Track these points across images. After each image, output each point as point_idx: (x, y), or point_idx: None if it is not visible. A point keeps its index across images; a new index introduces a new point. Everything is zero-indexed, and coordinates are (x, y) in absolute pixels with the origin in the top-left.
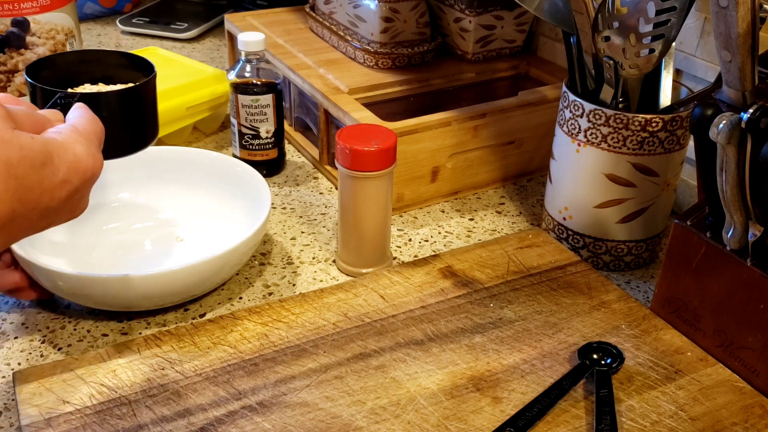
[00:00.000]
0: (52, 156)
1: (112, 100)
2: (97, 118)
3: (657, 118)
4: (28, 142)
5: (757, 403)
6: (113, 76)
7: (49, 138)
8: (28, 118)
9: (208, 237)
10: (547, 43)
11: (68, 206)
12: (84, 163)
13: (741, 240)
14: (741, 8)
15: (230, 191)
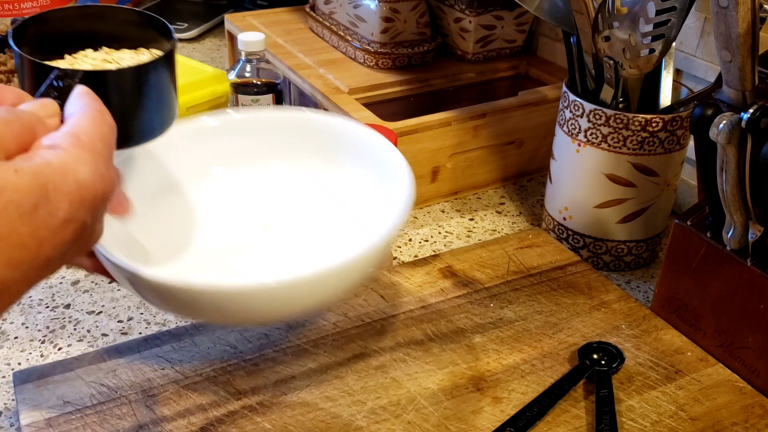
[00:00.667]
0: (47, 192)
1: (126, 78)
2: (104, 111)
3: (657, 118)
4: (11, 181)
5: (758, 402)
6: (120, 36)
7: (41, 164)
8: (9, 127)
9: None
10: (547, 43)
11: (77, 246)
12: (90, 189)
13: (741, 240)
14: (741, 8)
15: (353, 162)
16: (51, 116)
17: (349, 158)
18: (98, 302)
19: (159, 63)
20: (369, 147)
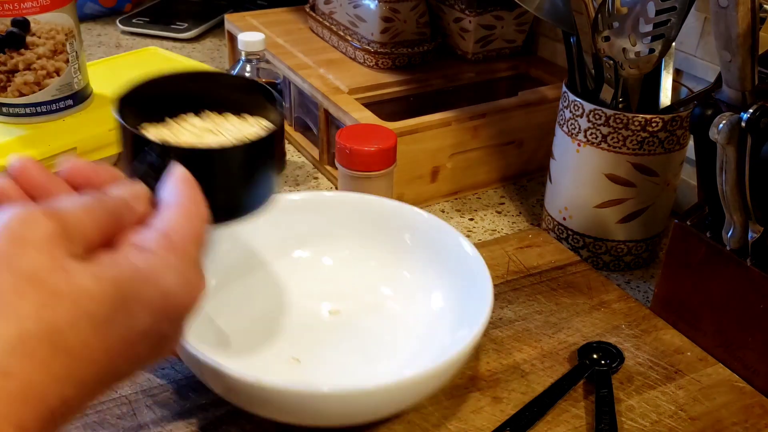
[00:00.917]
0: (127, 301)
1: (227, 157)
2: (198, 202)
3: (657, 118)
4: (88, 290)
5: (757, 402)
6: (225, 101)
7: (125, 270)
8: (93, 216)
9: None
10: (547, 43)
11: (152, 357)
12: (175, 299)
13: (741, 240)
14: (741, 8)
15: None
16: (141, 202)
17: (428, 255)
18: None
19: (264, 141)
20: (450, 247)
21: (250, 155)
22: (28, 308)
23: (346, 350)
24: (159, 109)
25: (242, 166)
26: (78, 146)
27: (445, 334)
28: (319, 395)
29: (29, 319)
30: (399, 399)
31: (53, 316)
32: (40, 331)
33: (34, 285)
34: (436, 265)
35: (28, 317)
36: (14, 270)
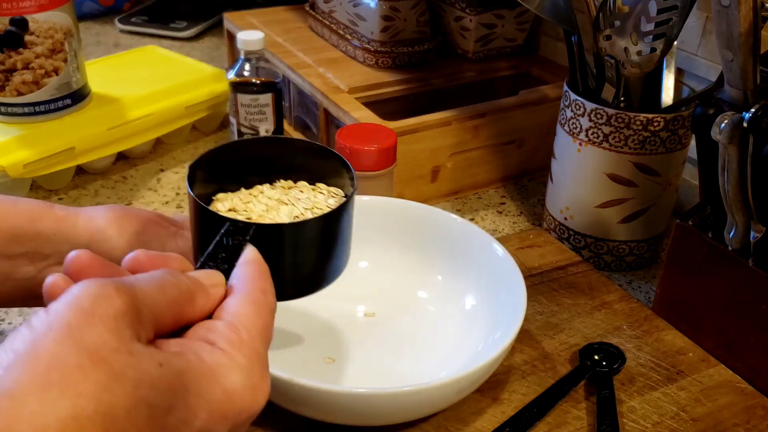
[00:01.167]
0: (188, 393)
1: (300, 231)
2: (267, 291)
3: (659, 117)
4: (151, 374)
5: (759, 403)
6: (297, 167)
7: (192, 361)
8: (165, 294)
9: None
10: (548, 42)
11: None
12: (238, 402)
13: (743, 240)
14: (743, 7)
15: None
16: (215, 285)
17: (461, 259)
18: None
19: (336, 213)
20: (482, 250)
21: (322, 228)
22: (88, 387)
23: (381, 351)
24: (232, 175)
25: (315, 239)
26: (76, 146)
27: (479, 336)
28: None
29: (87, 398)
30: (434, 401)
31: (111, 399)
32: (95, 414)
33: (97, 364)
34: (469, 268)
35: (87, 397)
36: (79, 346)
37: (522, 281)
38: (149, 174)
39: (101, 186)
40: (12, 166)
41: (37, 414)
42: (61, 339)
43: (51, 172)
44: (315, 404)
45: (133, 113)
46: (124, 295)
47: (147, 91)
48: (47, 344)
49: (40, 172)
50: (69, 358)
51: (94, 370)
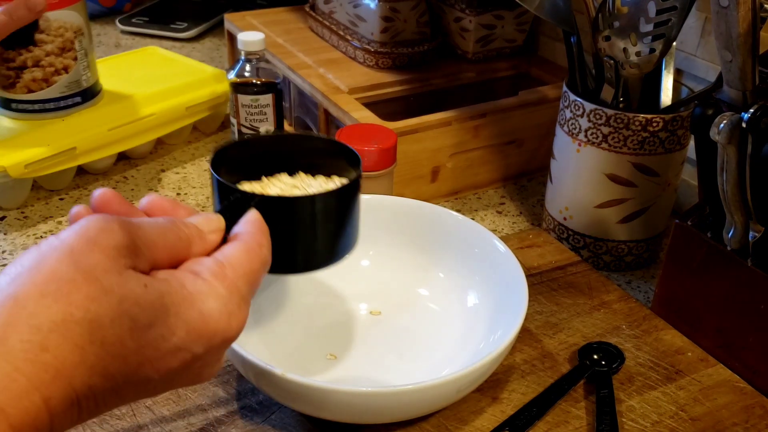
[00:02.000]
0: (168, 313)
1: (301, 206)
2: (261, 247)
3: (658, 117)
4: (134, 293)
5: (758, 403)
6: (317, 163)
7: (174, 286)
8: (165, 238)
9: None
10: (547, 43)
11: (184, 375)
12: (213, 325)
13: (742, 240)
14: (742, 8)
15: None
16: (213, 231)
17: (463, 256)
18: None
19: (334, 193)
20: (484, 247)
21: (322, 205)
22: (78, 297)
23: (382, 349)
24: (256, 168)
25: (314, 215)
26: (77, 146)
27: (480, 334)
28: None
29: (77, 306)
30: (434, 399)
31: (98, 309)
32: (83, 320)
33: (89, 280)
34: (471, 267)
35: (76, 305)
36: (77, 265)
37: (524, 280)
38: (150, 174)
39: (102, 186)
40: (13, 167)
41: (34, 315)
42: (62, 258)
43: (52, 172)
44: (315, 402)
45: (133, 114)
46: (126, 231)
47: (148, 92)
48: (50, 261)
49: (41, 173)
50: (65, 273)
51: (85, 284)
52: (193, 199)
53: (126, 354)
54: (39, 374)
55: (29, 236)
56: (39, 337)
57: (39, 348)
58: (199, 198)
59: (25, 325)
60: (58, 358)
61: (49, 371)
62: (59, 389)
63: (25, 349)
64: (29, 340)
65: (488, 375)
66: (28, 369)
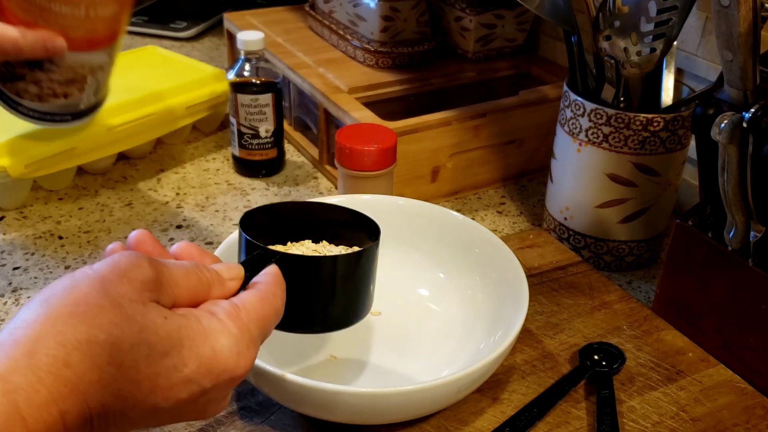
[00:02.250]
0: (182, 345)
1: (320, 266)
2: (276, 297)
3: (658, 117)
4: (155, 324)
5: (759, 403)
6: (340, 233)
7: (190, 320)
8: (188, 280)
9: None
10: (548, 42)
11: (190, 408)
12: (223, 362)
13: (742, 240)
14: (742, 7)
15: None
16: (233, 279)
17: (463, 256)
18: None
19: (351, 257)
20: (484, 247)
21: (340, 267)
22: (103, 321)
23: (382, 349)
24: (282, 233)
25: (332, 276)
26: (77, 146)
27: (481, 335)
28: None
29: (101, 329)
30: (434, 400)
31: (120, 334)
32: (105, 342)
33: (115, 307)
34: (471, 266)
35: (101, 328)
36: (106, 293)
37: (524, 281)
38: (149, 174)
39: (102, 186)
40: (13, 166)
41: (61, 332)
42: (93, 284)
43: (52, 172)
44: (316, 403)
45: (133, 113)
46: (154, 268)
47: (147, 92)
48: (81, 287)
49: (41, 172)
50: (94, 299)
51: (111, 310)
52: (192, 199)
53: (140, 379)
54: (59, 388)
55: (28, 236)
56: (63, 353)
57: (62, 363)
58: (198, 198)
59: (52, 341)
60: (77, 375)
61: (68, 386)
62: (75, 404)
63: (50, 362)
64: (54, 355)
65: (489, 375)
66: (50, 381)
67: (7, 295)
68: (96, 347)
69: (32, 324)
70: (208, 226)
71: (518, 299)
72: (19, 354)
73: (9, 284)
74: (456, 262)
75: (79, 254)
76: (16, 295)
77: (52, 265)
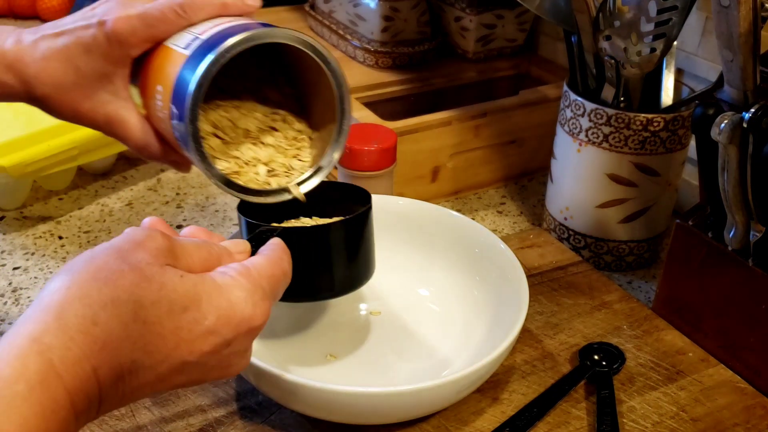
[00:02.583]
0: (200, 300)
1: (315, 235)
2: (282, 260)
3: (658, 117)
4: (173, 281)
5: (759, 403)
6: (332, 208)
7: (205, 278)
8: (199, 252)
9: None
10: (548, 42)
11: (216, 361)
12: (240, 312)
13: (743, 240)
14: (742, 7)
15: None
16: (240, 252)
17: (463, 257)
18: None
19: (346, 222)
20: (485, 247)
21: (337, 233)
22: (124, 283)
23: (383, 349)
24: (277, 214)
25: (331, 243)
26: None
27: (482, 333)
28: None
29: (123, 290)
30: (434, 400)
31: (141, 293)
32: (128, 301)
33: (134, 270)
34: (471, 266)
35: (123, 289)
36: (125, 259)
37: (524, 281)
38: (149, 174)
39: (102, 186)
40: (14, 167)
41: (87, 295)
42: (111, 253)
43: (52, 172)
44: (315, 402)
45: None
46: (167, 239)
47: None
48: (101, 256)
49: (41, 173)
50: (114, 265)
51: (130, 273)
52: (192, 199)
53: (165, 333)
54: (90, 345)
55: (28, 236)
56: (91, 313)
57: (90, 322)
58: (198, 198)
59: (79, 303)
60: (106, 332)
61: (98, 343)
62: (106, 360)
63: (79, 322)
64: (83, 314)
65: (489, 375)
66: (80, 339)
67: (7, 295)
68: (121, 306)
69: (58, 291)
70: (208, 226)
71: (518, 299)
72: (49, 318)
73: (9, 284)
74: (456, 262)
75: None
76: (16, 295)
77: (52, 265)
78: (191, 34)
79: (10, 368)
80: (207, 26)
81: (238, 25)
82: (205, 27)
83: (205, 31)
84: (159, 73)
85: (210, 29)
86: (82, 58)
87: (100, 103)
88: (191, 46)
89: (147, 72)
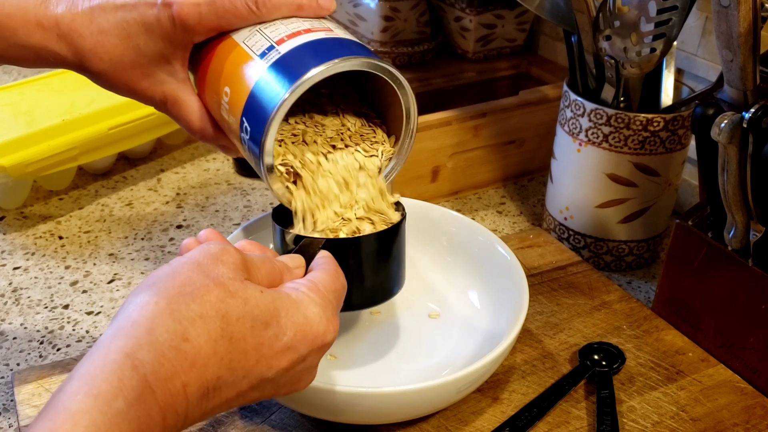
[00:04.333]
0: (279, 315)
1: (362, 245)
2: (340, 274)
3: (658, 117)
4: (255, 297)
5: (759, 403)
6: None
7: (281, 293)
8: (265, 266)
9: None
10: (547, 42)
11: (289, 378)
12: (315, 328)
13: (742, 240)
14: (742, 7)
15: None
16: (298, 267)
17: (464, 257)
18: (97, 303)
19: (388, 233)
20: (485, 248)
21: (374, 246)
22: (210, 298)
23: (383, 349)
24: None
25: (368, 255)
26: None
27: (482, 333)
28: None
29: (210, 305)
30: (434, 400)
31: (227, 308)
32: (215, 316)
33: (218, 285)
34: (471, 266)
35: (210, 304)
36: (207, 274)
37: (524, 281)
38: (149, 174)
39: (102, 186)
40: (14, 167)
41: (176, 311)
42: (193, 268)
43: (52, 172)
44: (316, 403)
45: (133, 114)
46: (240, 254)
47: None
48: (183, 271)
49: (42, 173)
50: (198, 280)
51: (215, 288)
52: (192, 199)
53: (247, 350)
54: (180, 361)
55: (28, 236)
56: (181, 328)
57: (181, 338)
58: (199, 198)
59: (169, 318)
60: (195, 348)
61: (188, 359)
62: (195, 376)
63: (170, 338)
64: (174, 330)
65: (488, 375)
66: (172, 355)
67: (7, 295)
68: (209, 321)
69: (146, 306)
70: (208, 226)
71: (518, 299)
72: (140, 333)
73: (9, 284)
74: (456, 262)
75: (79, 254)
76: (17, 295)
77: (52, 265)
78: (264, 38)
79: (108, 384)
80: (281, 30)
81: (316, 41)
82: (279, 31)
83: (279, 36)
84: (227, 71)
85: (287, 39)
86: (142, 37)
87: (158, 82)
88: (268, 57)
89: (209, 62)
